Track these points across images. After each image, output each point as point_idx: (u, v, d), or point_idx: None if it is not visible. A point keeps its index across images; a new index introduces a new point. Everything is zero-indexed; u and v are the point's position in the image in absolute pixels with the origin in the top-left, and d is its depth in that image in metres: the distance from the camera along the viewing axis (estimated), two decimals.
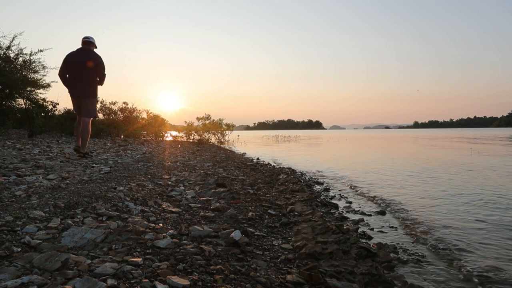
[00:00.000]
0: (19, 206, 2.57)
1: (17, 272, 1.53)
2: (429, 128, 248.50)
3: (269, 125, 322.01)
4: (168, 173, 5.15)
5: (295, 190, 4.64)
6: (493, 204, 4.22)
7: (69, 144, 8.90)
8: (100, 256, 1.82)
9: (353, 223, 3.38)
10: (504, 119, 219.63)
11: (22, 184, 3.37)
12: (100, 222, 2.36)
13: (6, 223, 2.17)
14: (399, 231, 3.16)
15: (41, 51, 11.57)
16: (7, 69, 10.78)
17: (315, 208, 3.61)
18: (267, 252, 2.28)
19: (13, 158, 5.13)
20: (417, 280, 2.13)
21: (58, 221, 2.30)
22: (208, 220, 2.87)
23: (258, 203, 3.66)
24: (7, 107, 11.15)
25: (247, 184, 4.81)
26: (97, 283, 1.45)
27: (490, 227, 3.25)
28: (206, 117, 20.89)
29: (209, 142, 19.28)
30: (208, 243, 2.25)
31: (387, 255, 2.40)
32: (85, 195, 2.99)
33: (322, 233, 2.70)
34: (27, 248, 1.86)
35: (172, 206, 3.23)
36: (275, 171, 6.87)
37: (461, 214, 3.73)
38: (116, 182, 3.84)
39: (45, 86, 12.08)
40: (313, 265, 2.03)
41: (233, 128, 24.10)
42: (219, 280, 1.67)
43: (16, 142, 7.84)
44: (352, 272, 2.03)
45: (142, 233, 2.22)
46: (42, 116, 11.25)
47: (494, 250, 2.66)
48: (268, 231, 2.78)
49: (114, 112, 15.73)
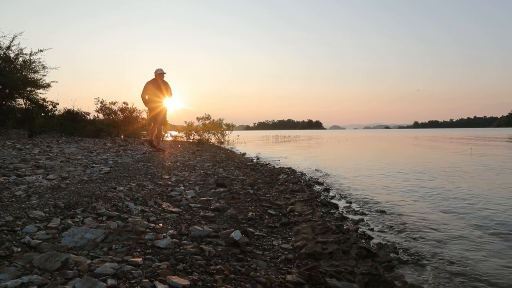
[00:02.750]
0: (19, 206, 2.57)
1: (17, 272, 1.53)
2: (429, 128, 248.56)
3: (269, 125, 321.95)
4: (168, 173, 5.15)
5: (295, 190, 4.64)
6: (494, 205, 4.22)
7: (69, 144, 8.90)
8: (100, 256, 1.82)
9: (353, 223, 3.38)
10: (504, 119, 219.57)
11: (22, 184, 3.37)
12: (100, 222, 2.36)
13: (6, 223, 2.17)
14: (399, 231, 3.16)
15: (41, 51, 11.58)
16: (7, 69, 10.78)
17: (315, 208, 3.61)
18: (267, 252, 2.28)
19: (13, 158, 5.13)
20: (417, 280, 2.13)
21: (58, 221, 2.30)
22: (208, 220, 2.87)
23: (258, 203, 3.66)
24: (7, 107, 11.15)
25: (247, 184, 4.81)
26: (97, 283, 1.45)
27: (491, 227, 3.25)
28: (206, 117, 20.88)
29: (209, 142, 19.27)
30: (208, 243, 2.25)
31: (387, 255, 2.40)
32: (85, 195, 2.99)
33: (322, 233, 2.70)
34: (27, 248, 1.86)
35: (172, 206, 3.23)
36: (275, 171, 6.87)
37: (461, 215, 3.73)
38: (116, 182, 3.84)
39: (45, 86, 12.09)
40: (313, 265, 2.03)
41: (233, 128, 24.07)
42: (219, 280, 1.67)
43: (16, 142, 7.84)
44: (352, 272, 2.03)
45: (142, 233, 2.22)
46: (42, 116, 11.25)
47: (494, 250, 2.66)
48: (268, 231, 2.78)
49: (114, 112, 15.72)
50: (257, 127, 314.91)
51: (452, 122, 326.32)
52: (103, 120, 14.95)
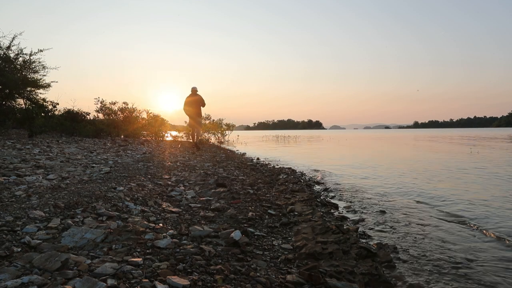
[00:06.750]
0: (19, 206, 2.57)
1: (17, 272, 1.53)
2: (429, 128, 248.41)
3: (269, 125, 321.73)
4: (168, 173, 5.15)
5: (295, 190, 4.64)
6: (495, 206, 4.22)
7: (69, 144, 8.90)
8: (100, 256, 1.82)
9: (353, 223, 3.38)
10: (504, 119, 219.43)
11: (22, 184, 3.37)
12: (100, 222, 2.36)
13: (6, 223, 2.17)
14: (399, 231, 3.16)
15: (41, 51, 11.58)
16: (7, 69, 10.78)
17: (315, 208, 3.61)
18: (267, 252, 2.28)
19: (13, 158, 5.13)
20: (417, 280, 2.13)
21: (58, 221, 2.30)
22: (208, 220, 2.87)
23: (258, 203, 3.66)
24: (7, 107, 11.15)
25: (247, 184, 4.81)
26: (97, 283, 1.45)
27: (491, 228, 3.25)
28: (206, 117, 20.90)
29: (209, 142, 19.27)
30: (208, 243, 2.25)
31: (387, 255, 2.40)
32: (85, 195, 2.99)
33: (322, 233, 2.70)
34: (27, 248, 1.86)
35: (172, 206, 3.23)
36: (275, 171, 6.87)
37: (461, 215, 3.73)
38: (116, 182, 3.84)
39: (45, 86, 12.09)
40: (313, 265, 2.03)
41: (233, 128, 24.07)
42: (219, 280, 1.67)
43: (16, 142, 7.84)
44: (352, 272, 2.03)
45: (142, 233, 2.21)
46: (42, 116, 11.25)
47: (495, 251, 2.66)
48: (268, 231, 2.78)
49: (114, 112, 15.71)
50: (257, 127, 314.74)
51: (452, 122, 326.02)
52: (103, 120, 14.95)
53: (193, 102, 10.43)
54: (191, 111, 10.47)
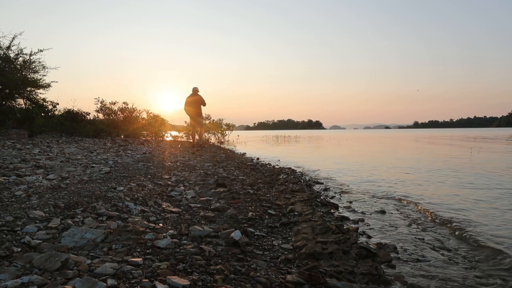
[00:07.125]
0: (19, 206, 2.57)
1: (17, 272, 1.53)
2: (429, 128, 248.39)
3: (269, 125, 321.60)
4: (168, 173, 5.15)
5: (295, 190, 4.64)
6: (496, 206, 4.22)
7: (69, 144, 8.90)
8: (100, 256, 1.82)
9: (353, 223, 3.38)
10: (504, 119, 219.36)
11: (22, 184, 3.38)
12: (100, 222, 2.36)
13: (6, 223, 2.17)
14: (399, 231, 3.16)
15: (41, 51, 11.58)
16: (7, 69, 10.78)
17: (315, 208, 3.61)
18: (267, 252, 2.28)
19: (13, 158, 5.13)
20: (417, 280, 2.13)
21: (58, 221, 2.30)
22: (208, 220, 2.87)
23: (258, 203, 3.66)
24: (7, 107, 11.15)
25: (247, 184, 4.81)
26: (97, 283, 1.45)
27: (492, 228, 3.25)
28: (206, 117, 20.90)
29: (209, 142, 19.27)
30: (208, 243, 2.25)
31: (387, 255, 2.40)
32: (85, 195, 2.99)
33: (322, 233, 2.70)
34: (27, 248, 1.86)
35: (172, 206, 3.23)
36: (275, 171, 6.86)
37: (462, 215, 3.73)
38: (116, 182, 3.84)
39: (45, 86, 12.09)
40: (313, 265, 2.03)
41: (233, 128, 24.06)
42: (219, 280, 1.67)
43: (16, 142, 7.84)
44: (352, 272, 2.03)
45: (142, 233, 2.22)
46: (42, 116, 11.25)
47: (495, 251, 2.66)
48: (268, 231, 2.78)
49: (114, 112, 15.71)
50: (257, 127, 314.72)
51: (452, 122, 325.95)
52: (103, 120, 14.95)
53: (193, 102, 10.57)
54: (191, 111, 10.63)
